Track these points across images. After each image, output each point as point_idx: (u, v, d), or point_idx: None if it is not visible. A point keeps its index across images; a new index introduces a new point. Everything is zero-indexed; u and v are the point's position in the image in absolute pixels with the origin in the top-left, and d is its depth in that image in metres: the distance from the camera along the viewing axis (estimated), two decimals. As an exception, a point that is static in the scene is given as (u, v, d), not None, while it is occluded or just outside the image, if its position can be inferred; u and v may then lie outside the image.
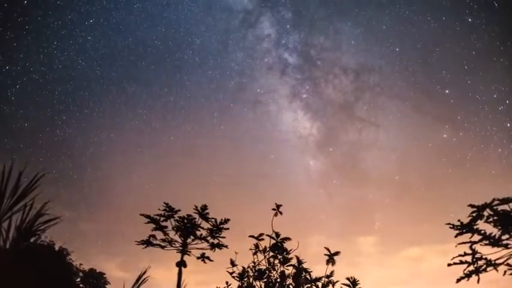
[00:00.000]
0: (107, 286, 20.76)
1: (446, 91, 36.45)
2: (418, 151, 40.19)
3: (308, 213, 43.09)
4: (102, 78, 41.47)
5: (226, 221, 11.14)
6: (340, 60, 42.16)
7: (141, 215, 11.44)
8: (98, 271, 20.61)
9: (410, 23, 37.77)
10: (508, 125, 33.37)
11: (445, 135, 37.74)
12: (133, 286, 10.56)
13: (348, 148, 44.00)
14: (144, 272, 10.74)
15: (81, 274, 20.03)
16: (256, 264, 10.18)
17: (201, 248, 11.58)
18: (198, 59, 42.82)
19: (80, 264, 20.28)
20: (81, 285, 19.83)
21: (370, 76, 41.35)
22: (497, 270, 10.27)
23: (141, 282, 10.63)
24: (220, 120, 44.48)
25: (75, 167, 40.03)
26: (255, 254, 10.22)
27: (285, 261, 9.89)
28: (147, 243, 11.46)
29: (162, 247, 11.56)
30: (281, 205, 9.94)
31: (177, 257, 11.29)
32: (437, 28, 36.85)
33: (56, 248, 11.97)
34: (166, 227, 11.49)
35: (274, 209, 9.96)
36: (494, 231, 10.23)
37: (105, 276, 20.88)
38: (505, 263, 10.25)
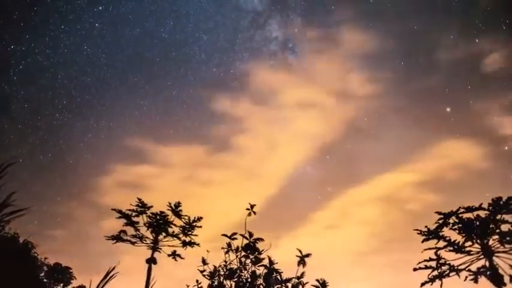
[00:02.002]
0: (72, 281, 20.06)
1: (448, 109, 37.96)
2: (415, 165, 41.57)
3: (305, 218, 43.17)
4: (106, 66, 41.53)
5: (199, 219, 11.03)
6: (345, 68, 43.29)
7: (112, 209, 11.16)
8: (63, 265, 19.88)
9: (419, 38, 39.18)
10: (506, 148, 34.97)
11: (443, 146, 39.07)
12: (100, 282, 10.26)
13: (345, 157, 46.27)
14: (113, 268, 10.45)
15: (45, 268, 19.29)
16: (228, 263, 10.10)
17: (173, 246, 11.43)
18: (204, 55, 43.86)
19: (45, 258, 19.56)
20: (44, 280, 19.08)
21: (372, 87, 42.65)
22: (459, 276, 10.72)
23: (109, 278, 10.34)
24: (221, 119, 44.80)
25: (72, 152, 40.71)
26: (227, 253, 10.13)
27: (256, 261, 9.85)
28: (117, 238, 11.18)
29: (133, 243, 11.31)
30: (255, 205, 9.92)
31: (148, 253, 11.11)
32: (444, 45, 38.27)
33: (21, 240, 11.48)
34: (137, 222, 11.26)
35: (248, 209, 9.92)
36: (459, 238, 10.69)
37: (71, 271, 20.18)
38: (467, 268, 10.72)
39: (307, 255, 9.94)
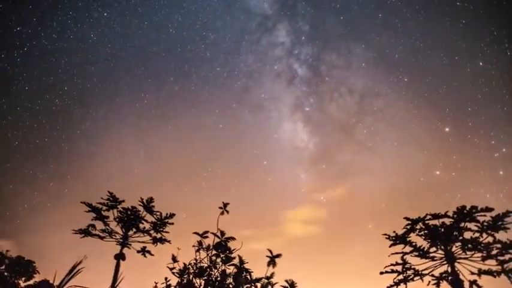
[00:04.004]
0: (35, 275, 19.29)
1: (446, 129, 37.02)
2: (409, 183, 40.47)
3: (291, 224, 43.19)
4: (111, 56, 40.83)
5: (172, 215, 10.88)
6: (348, 80, 43.15)
7: (82, 202, 10.84)
8: (26, 259, 19.09)
9: (423, 56, 38.49)
10: (501, 172, 33.78)
11: (438, 172, 38.05)
12: (65, 276, 9.94)
13: (341, 168, 44.89)
14: (79, 263, 10.15)
15: (6, 261, 18.47)
16: (198, 261, 10.05)
17: (143, 242, 11.23)
18: (209, 54, 43.24)
19: (7, 251, 18.75)
20: (5, 274, 18.26)
21: (374, 101, 42.28)
22: (422, 280, 11.10)
23: (75, 273, 10.04)
24: (221, 118, 44.29)
25: (68, 139, 39.60)
26: (197, 251, 10.09)
27: (227, 260, 9.86)
28: (85, 232, 10.87)
29: (101, 238, 11.02)
30: (228, 203, 9.92)
31: (116, 249, 10.85)
32: (448, 66, 37.33)
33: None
34: (107, 217, 10.99)
35: (220, 208, 9.91)
36: (424, 244, 11.08)
37: (34, 264, 19.40)
38: (430, 273, 11.13)
39: (278, 256, 10.03)
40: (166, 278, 10.17)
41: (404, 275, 11.20)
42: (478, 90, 35.23)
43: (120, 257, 10.54)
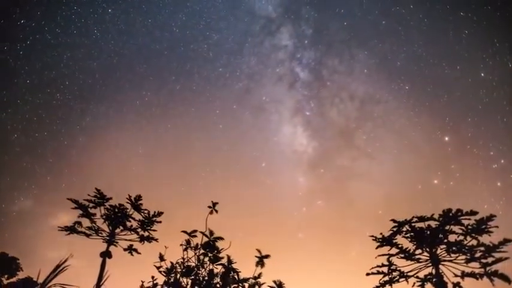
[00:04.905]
0: (19, 273, 18.91)
1: (446, 138, 36.86)
2: (406, 191, 40.05)
3: (287, 228, 43.27)
4: (114, 52, 40.23)
5: (160, 214, 10.81)
6: (350, 86, 42.64)
7: (68, 199, 10.68)
8: (10, 255, 18.69)
9: (425, 65, 38.26)
10: (499, 183, 33.60)
11: (436, 181, 37.57)
12: (50, 274, 9.78)
13: (339, 173, 44.18)
14: (65, 261, 10.00)
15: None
16: (186, 260, 9.99)
17: (130, 240, 11.12)
18: (212, 54, 42.58)
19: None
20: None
21: (375, 107, 41.80)
22: (407, 282, 11.27)
23: (60, 271, 9.88)
24: (221, 119, 43.66)
25: (68, 134, 38.91)
26: (185, 250, 10.03)
27: (215, 259, 9.82)
28: (71, 229, 10.72)
29: (88, 235, 10.88)
30: (217, 203, 9.88)
31: (103, 246, 10.73)
32: (450, 75, 37.14)
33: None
34: (94, 214, 10.85)
35: (210, 207, 9.87)
36: (410, 246, 11.24)
37: (18, 261, 19.02)
38: (415, 275, 11.30)
39: (266, 256, 10.03)
40: (153, 277, 10.09)
41: (390, 276, 11.35)
42: (479, 101, 35.45)
43: (106, 255, 10.42)
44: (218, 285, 9.75)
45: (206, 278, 9.77)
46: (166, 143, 43.08)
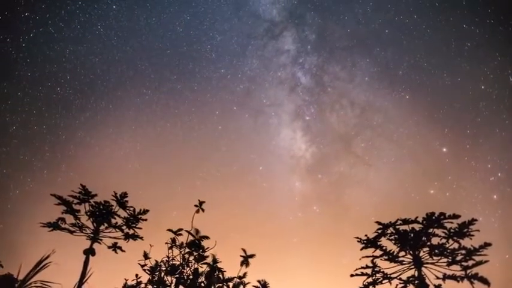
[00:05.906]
0: (-1, 269, 18.52)
1: (444, 149, 36.72)
2: (401, 199, 39.49)
3: (281, 232, 43.25)
4: (116, 49, 39.85)
5: (145, 211, 10.71)
6: (350, 92, 42.30)
7: (51, 195, 10.50)
8: (-10, 251, 18.31)
9: (427, 75, 38.20)
10: (495, 197, 33.48)
11: (432, 191, 37.46)
12: (31, 271, 9.63)
13: (336, 179, 43.65)
14: (47, 257, 9.86)
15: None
16: (171, 259, 9.96)
17: (114, 237, 11.00)
18: (215, 55, 42.38)
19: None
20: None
21: (374, 115, 41.63)
22: (390, 283, 11.42)
23: (41, 268, 9.73)
24: (220, 120, 43.20)
25: (66, 128, 37.85)
26: (170, 248, 9.99)
27: (200, 258, 9.81)
28: (54, 226, 10.54)
29: (71, 232, 10.72)
30: (204, 202, 9.87)
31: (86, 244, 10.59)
32: (451, 87, 37.08)
33: None
34: (78, 210, 10.69)
35: (196, 206, 9.85)
36: (394, 248, 11.39)
37: (-1, 258, 18.62)
38: (398, 277, 11.46)
39: (251, 256, 10.06)
40: (137, 275, 10.03)
41: (373, 278, 11.48)
42: (478, 114, 35.55)
43: (90, 252, 10.28)
44: (203, 284, 9.74)
45: (191, 277, 9.76)
46: (165, 141, 42.96)
